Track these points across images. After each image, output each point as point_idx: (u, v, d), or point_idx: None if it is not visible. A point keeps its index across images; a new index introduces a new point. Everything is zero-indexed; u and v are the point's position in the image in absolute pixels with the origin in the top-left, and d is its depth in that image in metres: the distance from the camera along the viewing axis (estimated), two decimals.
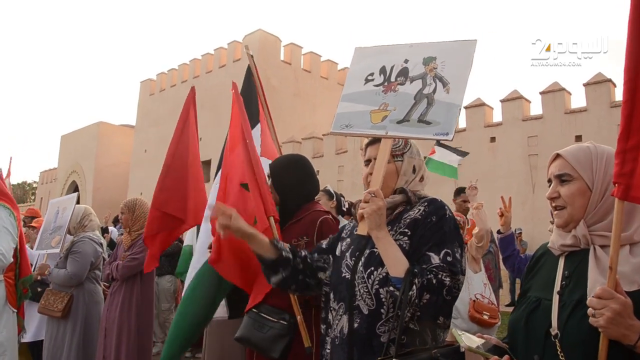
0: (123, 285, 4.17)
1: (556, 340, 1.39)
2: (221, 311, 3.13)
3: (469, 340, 1.51)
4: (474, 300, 3.95)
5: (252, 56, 3.48)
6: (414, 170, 1.93)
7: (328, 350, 1.89)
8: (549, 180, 1.58)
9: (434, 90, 1.82)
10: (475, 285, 4.07)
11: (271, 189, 2.80)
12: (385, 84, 1.97)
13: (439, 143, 6.15)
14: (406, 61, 1.94)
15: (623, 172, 1.34)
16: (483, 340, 1.54)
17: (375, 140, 1.97)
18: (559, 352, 1.38)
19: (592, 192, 1.48)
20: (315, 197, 4.02)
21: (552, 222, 3.37)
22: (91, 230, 4.65)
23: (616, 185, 1.36)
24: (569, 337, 1.37)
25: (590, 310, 1.27)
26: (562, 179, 1.53)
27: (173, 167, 3.47)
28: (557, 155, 1.56)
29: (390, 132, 1.84)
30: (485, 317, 3.88)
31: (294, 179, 2.78)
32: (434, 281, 1.60)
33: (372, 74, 2.02)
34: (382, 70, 1.99)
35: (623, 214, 1.34)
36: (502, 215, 3.95)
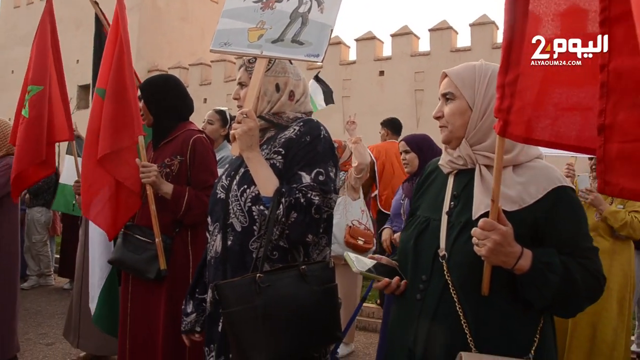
0: None
1: (443, 262, 1.43)
2: None
3: (361, 263, 1.54)
4: (350, 227, 4.13)
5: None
6: (277, 89, 1.88)
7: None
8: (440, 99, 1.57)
9: (309, 10, 1.80)
10: (352, 211, 4.23)
11: (143, 109, 2.66)
12: (264, 0, 1.91)
13: (317, 79, 6.07)
14: None
15: (502, 108, 1.31)
16: (374, 262, 1.59)
17: (243, 64, 1.95)
18: (445, 273, 1.42)
19: (473, 112, 1.48)
20: (207, 118, 3.89)
21: None
22: None
23: (497, 119, 1.33)
24: (455, 258, 1.41)
25: (474, 240, 1.31)
26: (446, 97, 1.53)
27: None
28: (446, 75, 1.55)
29: (265, 52, 1.82)
30: (360, 242, 4.08)
31: (169, 99, 2.68)
32: (302, 200, 1.62)
33: None
34: None
35: (504, 147, 1.34)
36: None
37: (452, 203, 1.50)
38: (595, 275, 1.36)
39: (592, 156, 2.18)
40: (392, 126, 6.08)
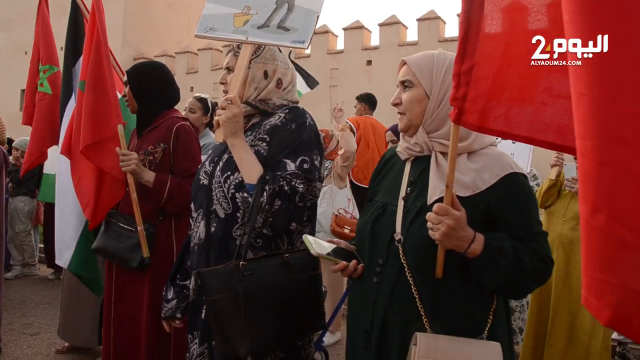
0: None
1: (399, 245, 1.46)
2: None
3: (319, 246, 1.54)
4: (337, 215, 4.14)
5: None
6: (265, 76, 1.86)
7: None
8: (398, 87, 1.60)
9: None
10: (339, 200, 4.24)
11: (128, 95, 2.63)
12: None
13: (295, 65, 6.07)
14: None
15: (457, 96, 1.33)
16: (334, 246, 1.59)
17: (232, 49, 1.93)
18: (401, 257, 1.45)
19: (430, 100, 1.51)
20: (189, 106, 3.85)
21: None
22: None
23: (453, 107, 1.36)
24: (410, 242, 1.44)
25: (428, 224, 1.34)
26: (404, 85, 1.55)
27: None
28: (405, 62, 1.57)
29: (251, 38, 1.81)
30: (347, 230, 4.08)
31: (155, 86, 2.65)
32: (286, 188, 1.62)
33: None
34: None
35: (458, 135, 1.37)
36: None
37: (408, 189, 1.53)
38: (544, 259, 1.41)
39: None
40: (369, 101, 6.16)
